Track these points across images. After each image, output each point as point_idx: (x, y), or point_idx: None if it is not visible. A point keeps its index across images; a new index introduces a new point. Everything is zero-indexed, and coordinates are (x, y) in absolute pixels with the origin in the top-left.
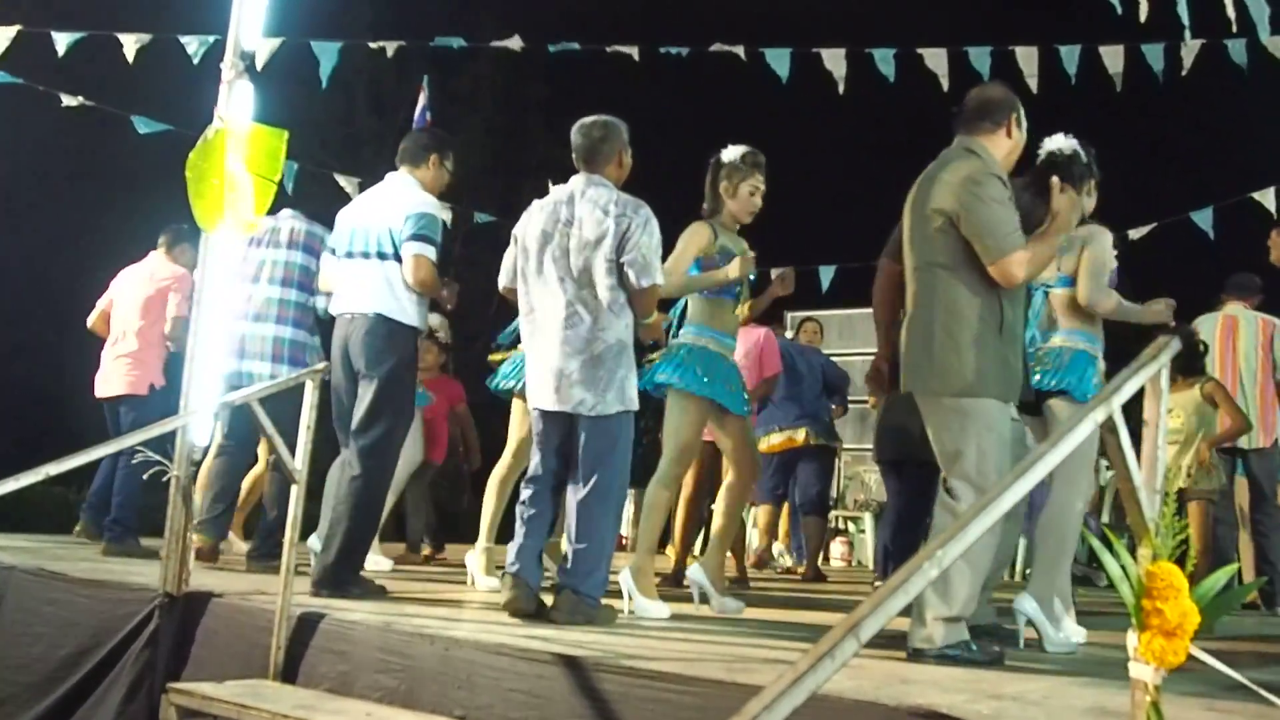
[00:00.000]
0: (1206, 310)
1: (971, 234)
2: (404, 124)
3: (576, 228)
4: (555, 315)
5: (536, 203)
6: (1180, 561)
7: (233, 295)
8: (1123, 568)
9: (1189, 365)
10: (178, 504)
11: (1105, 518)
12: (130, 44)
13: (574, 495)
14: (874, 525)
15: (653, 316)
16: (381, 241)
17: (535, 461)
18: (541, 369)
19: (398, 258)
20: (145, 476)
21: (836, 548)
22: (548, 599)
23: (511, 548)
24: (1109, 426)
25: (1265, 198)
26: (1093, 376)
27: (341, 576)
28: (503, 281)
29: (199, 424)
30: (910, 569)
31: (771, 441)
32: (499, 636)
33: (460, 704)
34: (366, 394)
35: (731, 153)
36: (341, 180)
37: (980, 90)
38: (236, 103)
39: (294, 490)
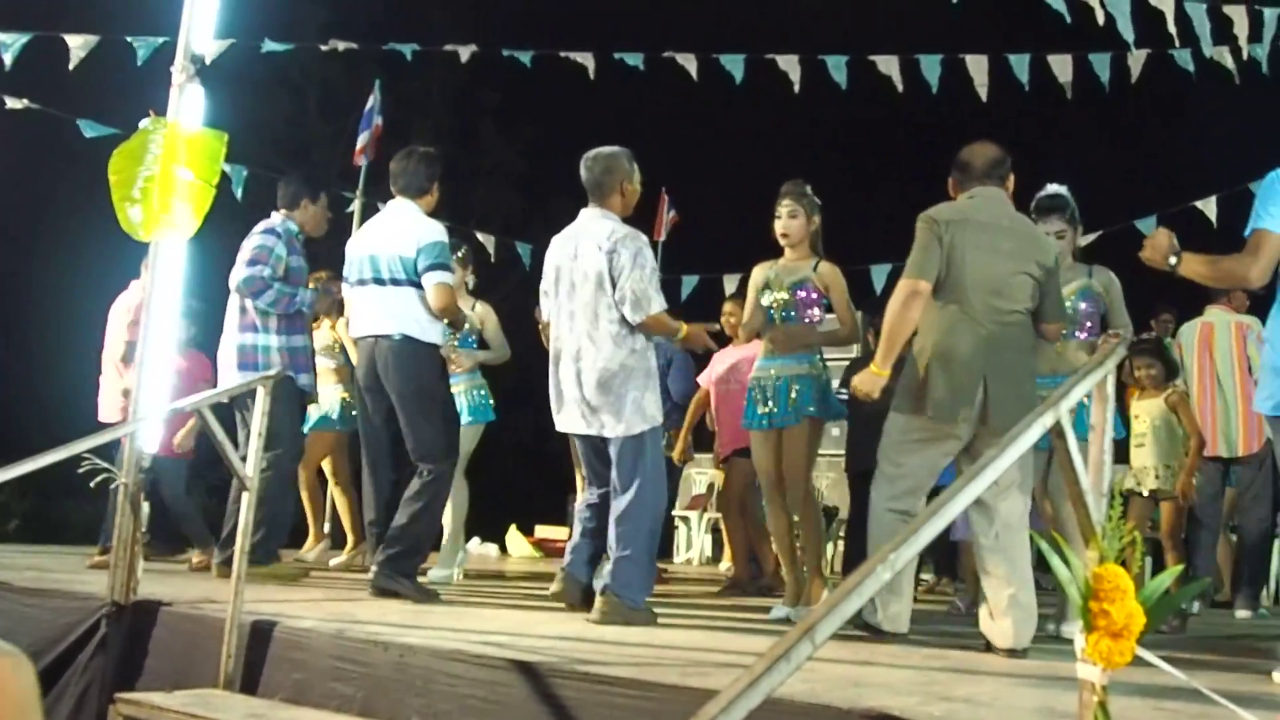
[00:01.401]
0: (1158, 315)
1: (1053, 292)
2: (354, 127)
3: (580, 262)
4: (570, 345)
5: (556, 237)
6: (1125, 563)
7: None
8: (1070, 569)
9: (1167, 375)
10: (126, 512)
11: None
12: (76, 46)
13: (614, 509)
14: (835, 533)
15: (681, 331)
16: (393, 269)
17: (589, 474)
18: (566, 396)
19: (411, 283)
20: (93, 484)
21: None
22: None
23: (568, 547)
24: (1057, 432)
25: (1208, 207)
26: None
27: (404, 569)
28: (541, 317)
29: (146, 431)
30: (864, 572)
31: None
32: (454, 643)
33: (417, 711)
34: (413, 411)
35: None
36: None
37: (984, 149)
38: (187, 106)
39: (245, 497)
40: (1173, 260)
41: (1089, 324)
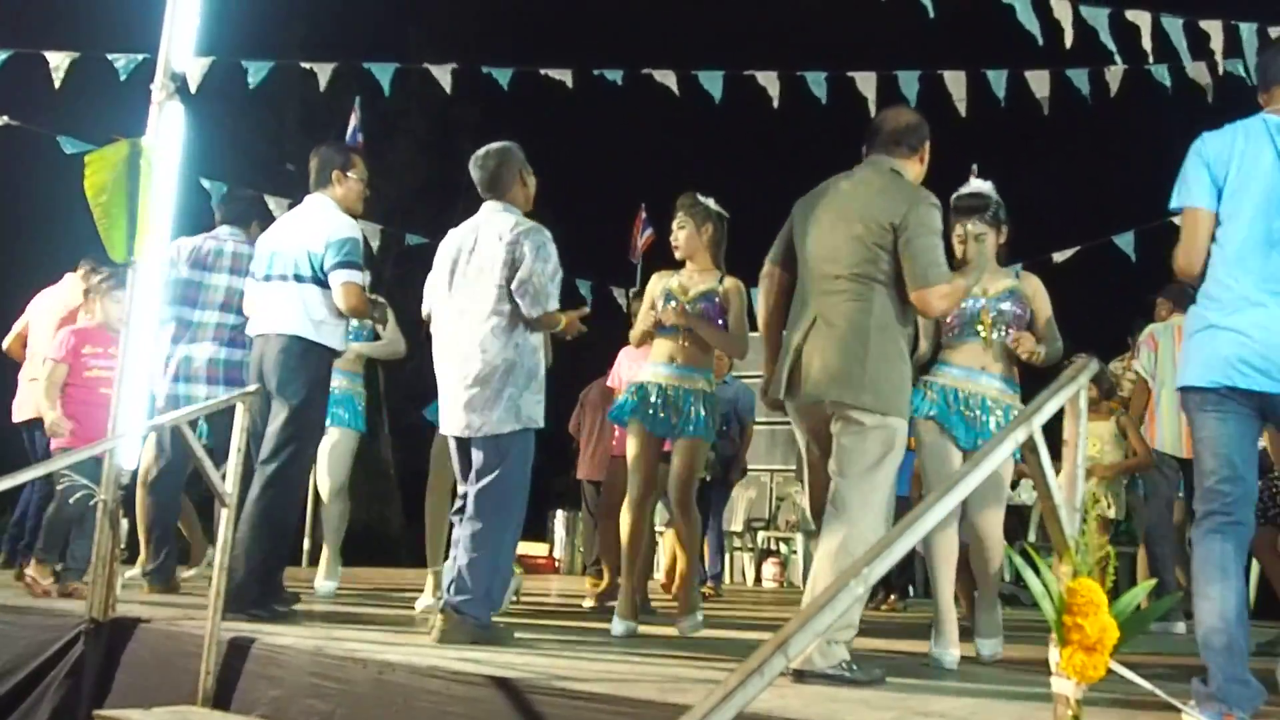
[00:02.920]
0: (1136, 332)
1: (908, 255)
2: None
3: (477, 255)
4: (452, 340)
5: (451, 230)
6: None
7: (172, 318)
8: (1044, 585)
9: (1104, 395)
10: (104, 529)
11: (1031, 536)
12: (58, 63)
13: (466, 511)
14: (805, 545)
15: (560, 323)
16: (299, 265)
17: (463, 489)
18: (445, 394)
19: (315, 281)
20: (72, 501)
21: (769, 569)
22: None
23: (446, 575)
24: (1029, 446)
25: None
26: None
27: (250, 594)
28: (424, 309)
29: (126, 447)
30: (837, 586)
31: None
32: (432, 659)
33: None
34: (279, 414)
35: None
36: (270, 202)
37: (896, 113)
38: (167, 124)
39: (224, 513)
40: None
41: (1015, 327)
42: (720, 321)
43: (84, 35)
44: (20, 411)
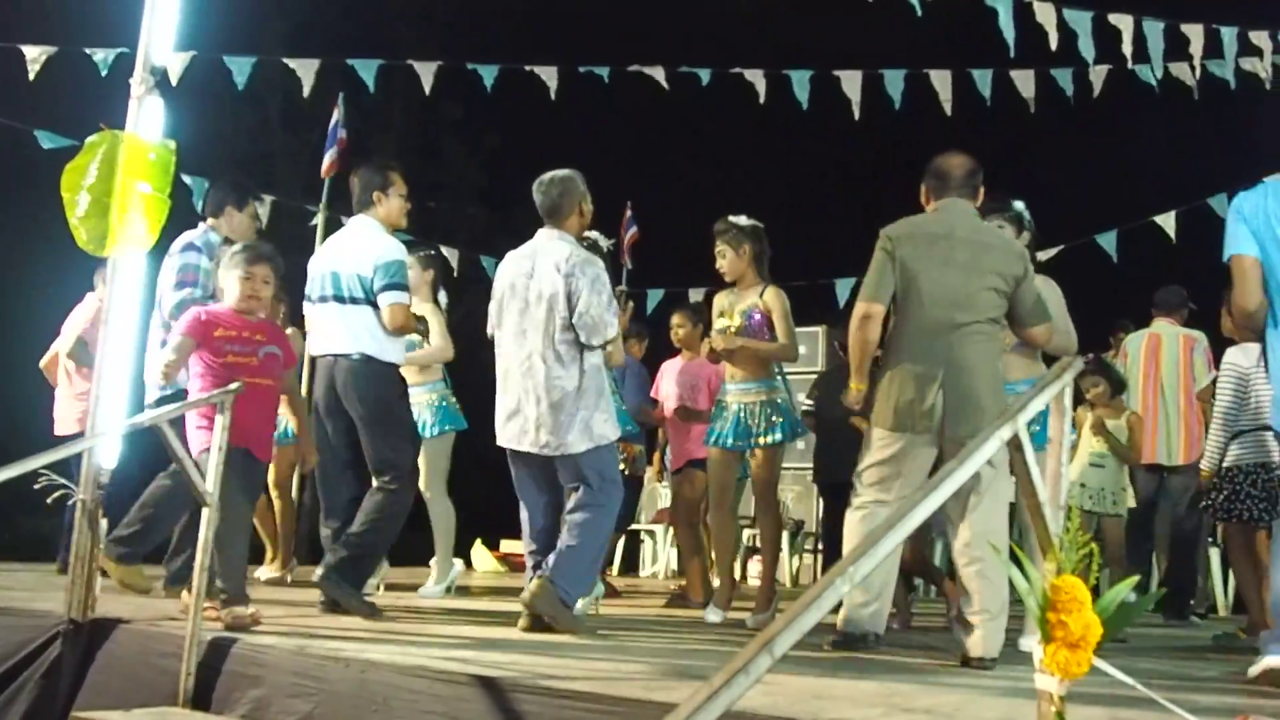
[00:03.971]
0: (1117, 331)
1: (1026, 300)
2: (319, 141)
3: (536, 281)
4: (517, 363)
5: (510, 254)
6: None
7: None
8: (1029, 581)
9: (1114, 390)
10: (83, 528)
11: (1014, 534)
12: (34, 57)
13: (568, 509)
14: (791, 544)
15: (621, 358)
16: (352, 288)
17: (527, 502)
18: (513, 412)
19: (369, 303)
20: (50, 500)
21: (754, 566)
22: None
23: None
24: (1015, 444)
25: (1166, 222)
26: None
27: (352, 577)
28: (488, 329)
29: (105, 446)
30: (823, 584)
31: None
32: (415, 658)
33: None
34: (373, 429)
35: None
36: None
37: (960, 159)
38: (147, 119)
39: (205, 513)
40: None
41: None
42: (765, 332)
43: (63, 29)
44: (62, 426)
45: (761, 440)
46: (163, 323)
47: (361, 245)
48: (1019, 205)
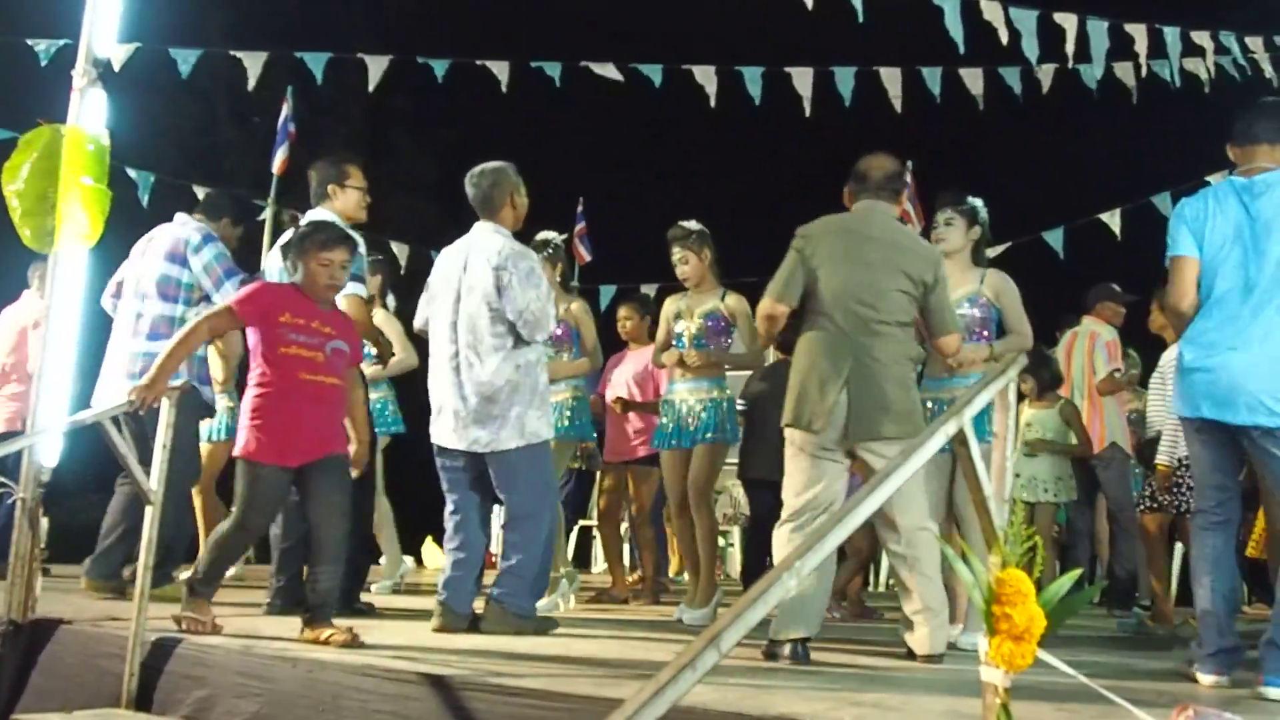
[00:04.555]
0: (1063, 327)
1: (936, 307)
2: (267, 134)
3: (469, 275)
4: (448, 358)
5: (446, 248)
6: (1028, 568)
7: (123, 312)
8: (974, 574)
9: (1051, 383)
10: (24, 528)
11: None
12: None
13: (504, 519)
14: (742, 539)
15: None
16: None
17: (452, 497)
18: (443, 408)
19: None
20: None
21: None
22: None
23: (440, 581)
24: (960, 439)
25: (1112, 220)
26: None
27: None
28: (417, 323)
29: (46, 445)
30: (770, 580)
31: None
32: (364, 657)
33: None
34: None
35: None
36: (200, 193)
37: (880, 161)
38: (89, 111)
39: (149, 511)
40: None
41: (981, 330)
42: (725, 338)
43: (2, 19)
44: None
45: (705, 436)
46: (178, 315)
47: None
48: (975, 201)
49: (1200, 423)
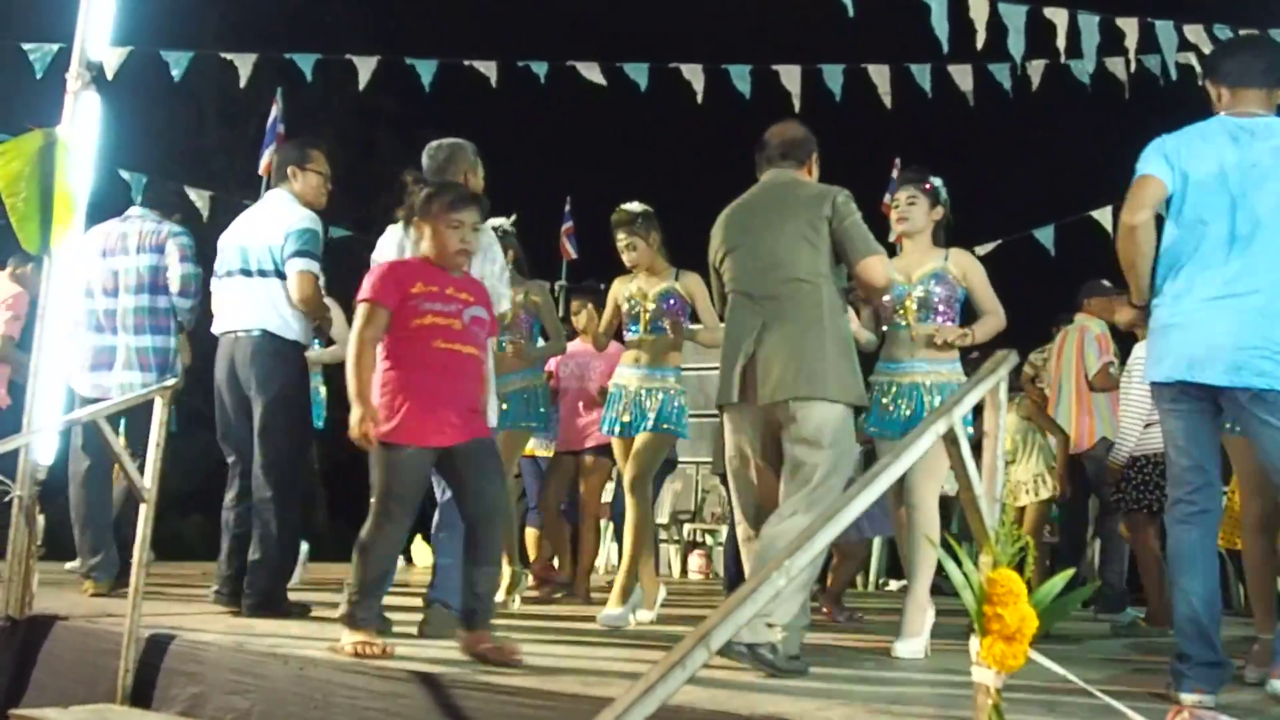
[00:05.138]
0: (1059, 325)
1: (846, 237)
2: (255, 135)
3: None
4: None
5: (392, 225)
6: (1020, 568)
7: (89, 307)
8: (965, 575)
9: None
10: (20, 525)
11: (954, 527)
12: None
13: (437, 514)
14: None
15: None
16: (262, 259)
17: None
18: None
19: (279, 274)
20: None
21: (694, 560)
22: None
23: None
24: (950, 438)
25: (1103, 216)
26: None
27: (277, 595)
28: None
29: (43, 442)
30: (760, 578)
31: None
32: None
33: None
34: (266, 414)
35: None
36: (191, 193)
37: (783, 127)
38: (83, 114)
39: (142, 509)
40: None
41: (943, 308)
42: (683, 318)
43: None
44: None
45: (651, 424)
46: (162, 306)
47: (273, 216)
48: (936, 180)
49: (1176, 390)
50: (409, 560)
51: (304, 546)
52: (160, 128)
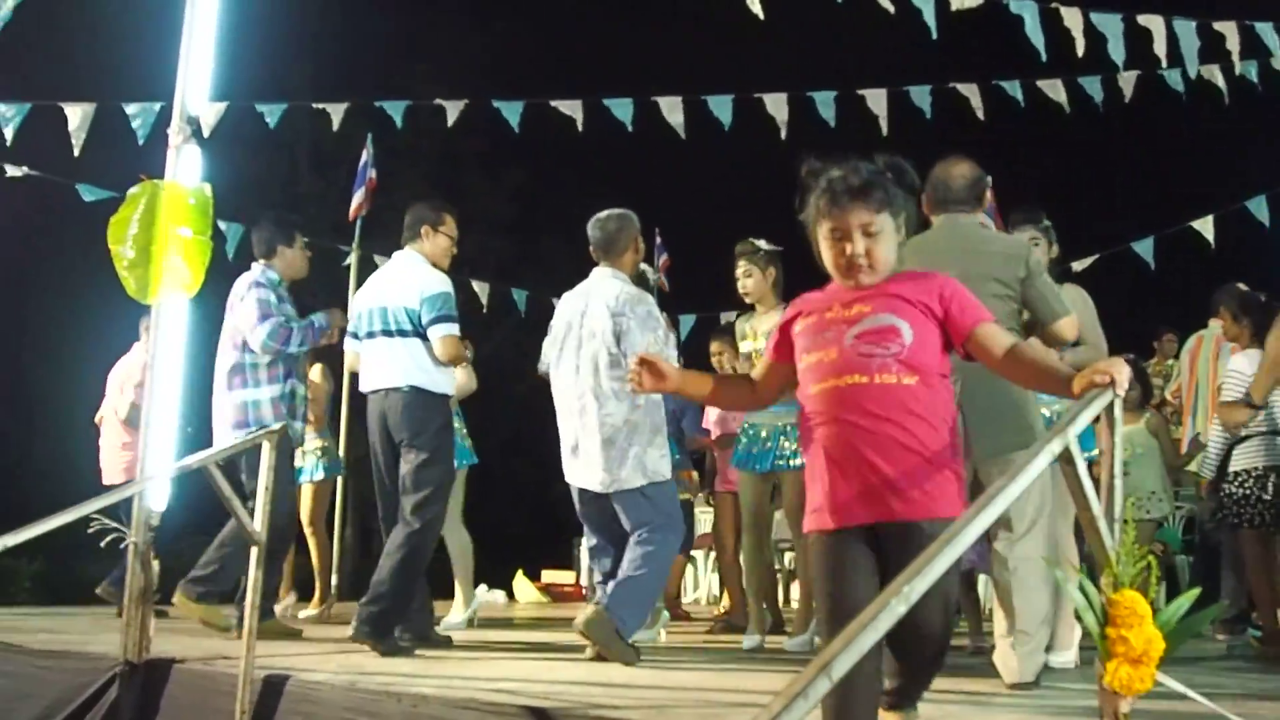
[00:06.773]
0: (1160, 336)
1: (1040, 296)
2: (346, 181)
3: (589, 319)
4: (570, 400)
5: (567, 293)
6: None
7: (220, 362)
8: (1086, 597)
9: (1144, 397)
10: (136, 570)
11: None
12: (75, 120)
13: (630, 541)
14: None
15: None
16: (400, 320)
17: (589, 530)
18: (569, 448)
19: (417, 334)
20: (103, 544)
21: (796, 589)
22: None
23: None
24: (1065, 458)
25: (1205, 227)
26: None
27: (387, 622)
28: (540, 367)
29: (155, 489)
30: (879, 605)
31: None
32: (466, 691)
33: None
34: (418, 462)
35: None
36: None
37: (958, 169)
38: (185, 166)
39: (253, 552)
40: None
41: None
42: None
43: (98, 81)
44: (109, 476)
45: (794, 463)
46: (248, 361)
47: (407, 279)
48: (1047, 221)
49: None
50: (511, 596)
51: (482, 588)
52: (254, 178)
